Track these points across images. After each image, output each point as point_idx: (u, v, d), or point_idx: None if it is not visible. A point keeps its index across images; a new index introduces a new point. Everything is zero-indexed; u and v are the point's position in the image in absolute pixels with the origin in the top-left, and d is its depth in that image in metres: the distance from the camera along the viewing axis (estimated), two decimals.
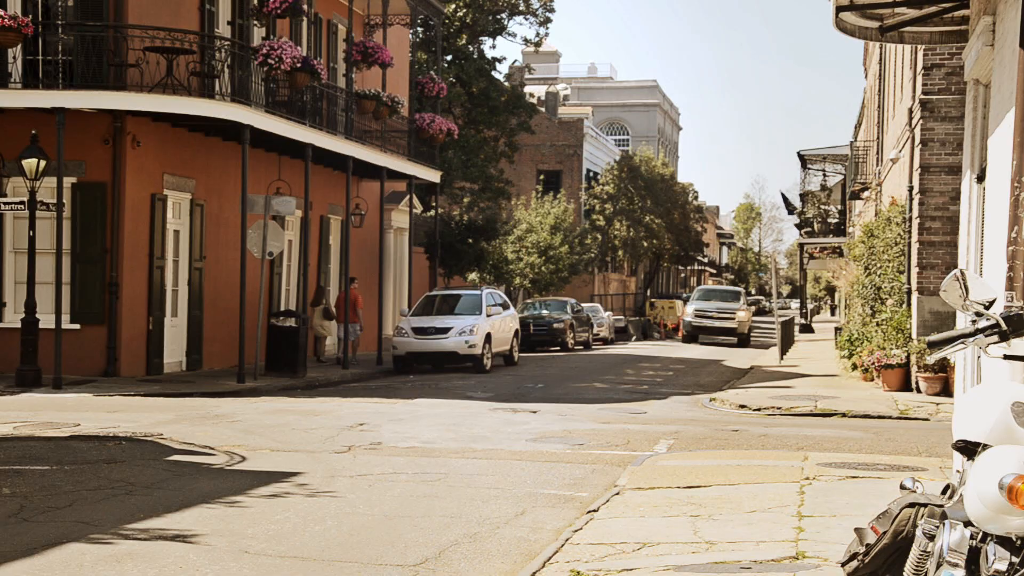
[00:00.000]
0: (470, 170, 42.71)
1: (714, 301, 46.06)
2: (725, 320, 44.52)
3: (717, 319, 44.61)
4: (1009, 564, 3.86)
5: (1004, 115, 8.36)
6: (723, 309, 44.85)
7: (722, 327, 44.58)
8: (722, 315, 44.55)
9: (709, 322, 44.72)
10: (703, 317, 44.90)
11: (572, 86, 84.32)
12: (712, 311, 44.82)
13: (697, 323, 45.16)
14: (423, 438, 14.64)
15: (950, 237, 19.80)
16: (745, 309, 45.62)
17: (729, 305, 45.31)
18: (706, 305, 45.42)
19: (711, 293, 48.58)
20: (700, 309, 45.42)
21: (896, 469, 11.65)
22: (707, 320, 44.73)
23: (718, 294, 48.46)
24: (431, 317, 27.93)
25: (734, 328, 44.40)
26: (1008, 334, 4.24)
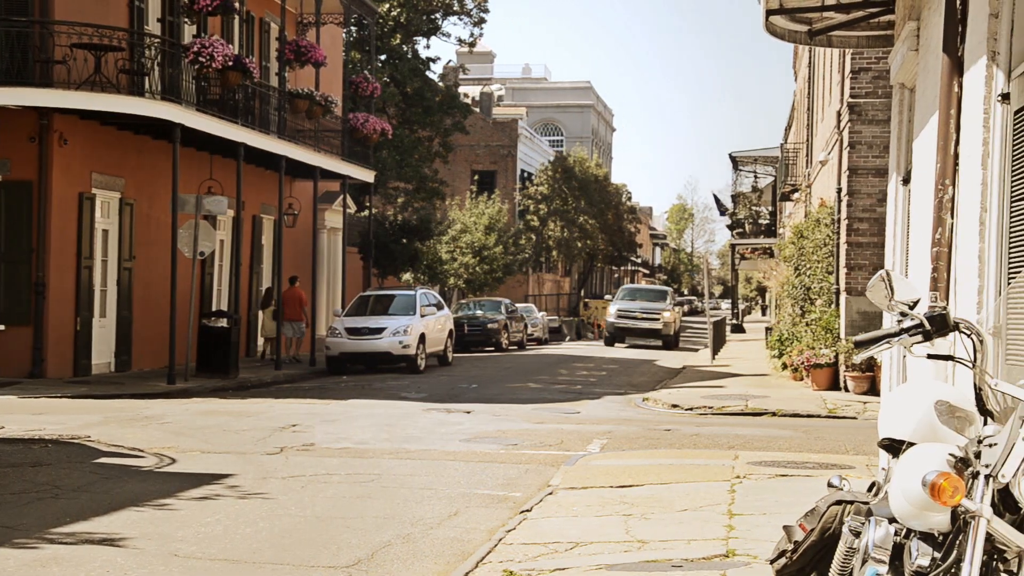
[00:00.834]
0: (404, 170, 42.58)
1: (639, 301, 43.82)
2: (650, 321, 42.38)
3: (641, 320, 42.47)
4: (931, 559, 3.92)
5: (928, 118, 8.51)
6: (648, 309, 42.68)
7: (646, 328, 42.50)
8: (646, 316, 42.43)
9: (632, 323, 42.59)
10: (626, 318, 42.72)
11: (506, 87, 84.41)
12: (636, 311, 42.66)
13: (620, 324, 42.92)
14: (356, 439, 14.58)
15: (877, 238, 20.10)
16: (671, 310, 43.48)
17: (654, 305, 43.16)
18: (630, 305, 43.24)
19: (636, 293, 46.37)
20: (623, 310, 43.17)
21: (824, 467, 11.80)
22: (630, 321, 42.58)
23: (644, 294, 46.22)
24: (365, 317, 27.82)
25: (659, 329, 42.36)
26: (931, 334, 4.30)
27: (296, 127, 27.90)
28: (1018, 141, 6.56)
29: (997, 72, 6.76)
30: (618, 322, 42.68)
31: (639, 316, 42.32)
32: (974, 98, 7.05)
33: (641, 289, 48.51)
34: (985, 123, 6.91)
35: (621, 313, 42.66)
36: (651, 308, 42.61)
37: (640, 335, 42.67)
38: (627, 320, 42.41)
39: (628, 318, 42.40)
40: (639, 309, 42.61)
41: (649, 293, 46.25)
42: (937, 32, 7.81)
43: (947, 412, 4.36)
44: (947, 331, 4.29)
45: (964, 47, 7.22)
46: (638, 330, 42.44)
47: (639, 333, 42.56)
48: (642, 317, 42.29)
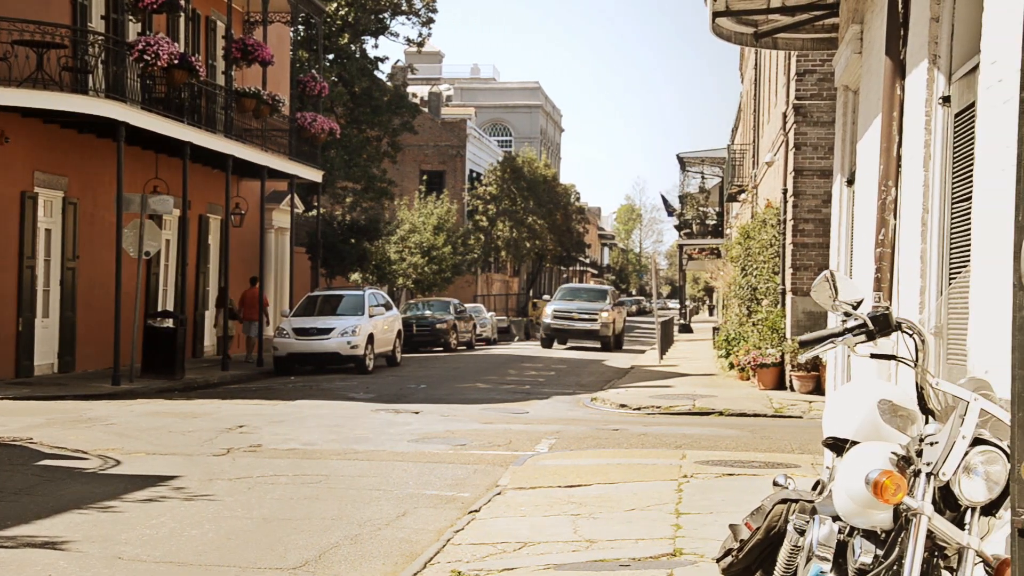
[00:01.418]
0: (353, 170, 42.40)
1: (577, 301, 41.75)
2: (587, 322, 40.38)
3: (578, 320, 40.41)
4: (874, 557, 3.97)
5: (871, 121, 8.61)
6: (585, 310, 40.66)
7: (583, 329, 40.50)
8: (583, 316, 40.41)
9: (568, 324, 40.51)
10: (562, 318, 40.61)
11: (455, 87, 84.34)
12: (573, 312, 40.62)
13: (555, 325, 40.77)
14: (304, 440, 14.50)
15: (822, 239, 20.30)
16: (610, 310, 41.23)
17: (592, 305, 41.10)
18: (567, 306, 41.12)
19: (575, 292, 44.16)
20: (559, 310, 41.01)
21: (770, 466, 11.91)
22: (566, 322, 40.53)
23: (583, 293, 44.01)
24: (313, 318, 27.68)
25: (596, 330, 40.43)
26: (875, 333, 4.34)
27: (243, 126, 27.70)
28: (959, 143, 6.66)
29: (938, 75, 6.85)
30: (553, 323, 40.85)
31: (575, 316, 40.47)
32: (916, 101, 7.13)
33: (581, 289, 46.16)
34: (927, 125, 7.00)
35: (557, 313, 40.85)
36: (589, 308, 40.75)
37: (577, 336, 40.98)
38: (563, 321, 40.61)
39: (564, 319, 40.60)
40: (576, 309, 40.75)
41: (588, 293, 44.28)
42: (880, 35, 7.90)
43: (890, 411, 4.41)
44: (890, 331, 4.33)
45: (906, 50, 7.31)
46: (574, 331, 40.66)
47: (576, 334, 40.82)
48: (579, 318, 40.44)
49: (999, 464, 3.77)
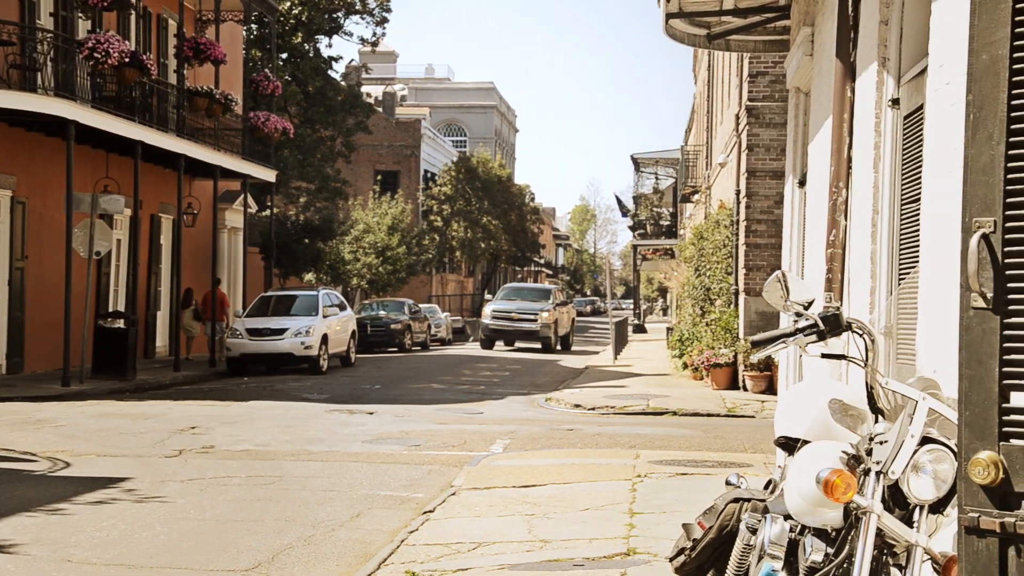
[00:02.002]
0: (306, 170, 42.19)
1: (518, 301, 40.20)
2: (527, 322, 38.85)
3: (518, 321, 38.91)
4: (825, 555, 4.00)
5: (823, 122, 8.68)
6: (526, 310, 39.14)
7: (523, 329, 39.00)
8: (523, 316, 38.92)
9: (508, 324, 39.02)
10: (501, 319, 39.20)
11: (410, 87, 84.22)
12: (513, 312, 39.14)
13: (494, 326, 39.43)
14: (257, 441, 14.42)
15: (775, 239, 20.45)
16: (552, 310, 39.50)
17: (533, 305, 39.51)
18: (507, 306, 39.66)
19: (517, 292, 42.39)
20: (499, 310, 39.53)
21: (723, 465, 11.98)
22: (505, 322, 39.06)
23: (525, 293, 42.19)
24: (266, 318, 27.53)
25: (536, 331, 38.81)
26: (825, 333, 4.37)
27: (196, 125, 27.49)
28: (908, 145, 6.73)
29: (887, 78, 6.92)
30: (492, 323, 39.46)
31: (515, 317, 39.02)
32: (866, 103, 7.21)
33: (523, 288, 44.22)
34: (876, 127, 7.08)
35: (496, 314, 39.41)
36: (529, 308, 39.26)
37: (517, 337, 39.63)
38: (503, 321, 39.14)
39: (504, 319, 39.14)
40: (516, 309, 39.30)
41: (531, 293, 42.55)
42: (831, 38, 7.98)
43: (840, 410, 4.44)
44: (840, 331, 4.36)
45: (856, 53, 7.39)
46: (514, 331, 39.23)
47: (515, 335, 39.42)
48: (519, 318, 38.98)
49: (947, 463, 3.81)
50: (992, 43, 3.05)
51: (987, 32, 3.07)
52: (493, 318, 39.48)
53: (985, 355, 3.07)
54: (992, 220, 3.05)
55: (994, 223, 3.04)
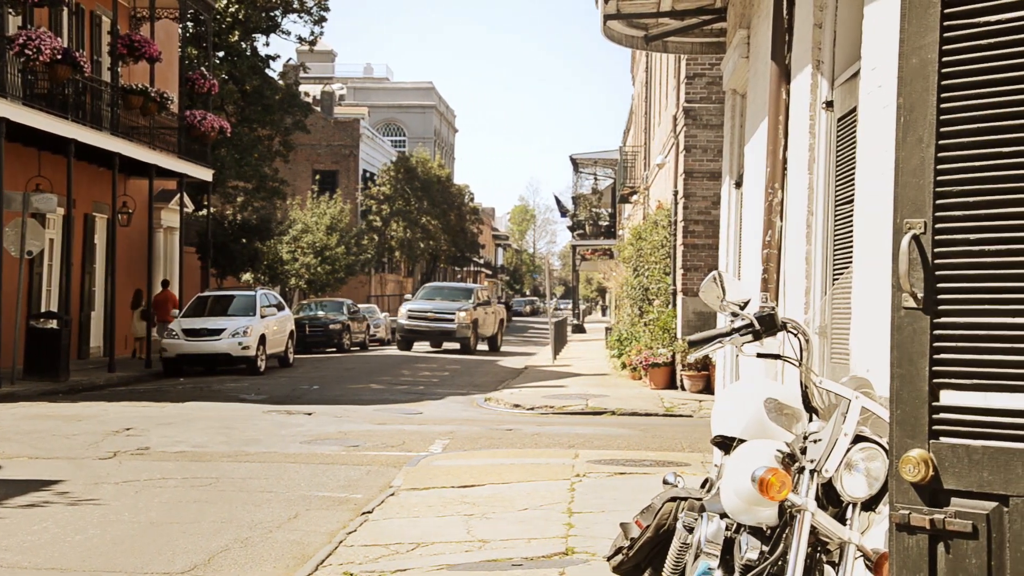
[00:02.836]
0: (244, 169, 41.79)
1: (436, 300, 39.03)
2: (444, 322, 37.47)
3: (434, 320, 37.56)
4: (760, 553, 4.03)
5: (759, 124, 8.77)
6: (443, 309, 37.81)
7: (440, 329, 37.62)
8: (440, 316, 37.56)
9: (424, 324, 37.74)
10: (418, 319, 37.87)
11: (348, 86, 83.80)
12: (430, 311, 37.85)
13: (410, 326, 38.02)
14: (194, 442, 14.27)
15: (712, 240, 20.62)
16: (471, 309, 38.11)
17: (451, 304, 38.16)
18: (425, 305, 38.50)
19: (437, 291, 41.15)
20: (416, 310, 38.25)
21: (661, 465, 12.05)
22: (422, 322, 37.79)
23: (445, 292, 40.85)
24: (203, 318, 27.27)
25: (453, 330, 37.47)
26: (761, 333, 4.40)
27: (131, 124, 27.14)
28: (841, 147, 6.81)
29: (821, 80, 7.00)
30: (408, 323, 38.18)
31: (432, 316, 37.73)
32: (801, 105, 7.29)
33: (443, 287, 42.93)
34: (811, 129, 7.16)
35: (412, 313, 38.17)
36: (447, 308, 37.91)
37: (434, 337, 38.38)
38: (419, 321, 37.90)
39: (420, 319, 37.89)
40: (433, 309, 38.06)
41: (450, 292, 41.16)
42: (766, 40, 8.06)
43: (776, 409, 4.48)
44: (775, 331, 4.39)
45: (791, 55, 7.47)
46: (431, 331, 37.92)
47: (432, 335, 38.14)
48: (435, 317, 37.66)
49: (879, 461, 3.86)
50: (922, 47, 3.10)
51: (917, 36, 3.11)
52: (409, 318, 38.13)
53: (916, 354, 3.12)
54: (922, 221, 3.09)
55: (924, 224, 3.09)
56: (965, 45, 3.03)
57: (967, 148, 3.03)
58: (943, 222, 3.06)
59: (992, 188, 2.99)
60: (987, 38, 3.00)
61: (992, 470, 2.97)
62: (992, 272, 2.99)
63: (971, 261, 3.02)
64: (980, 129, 3.01)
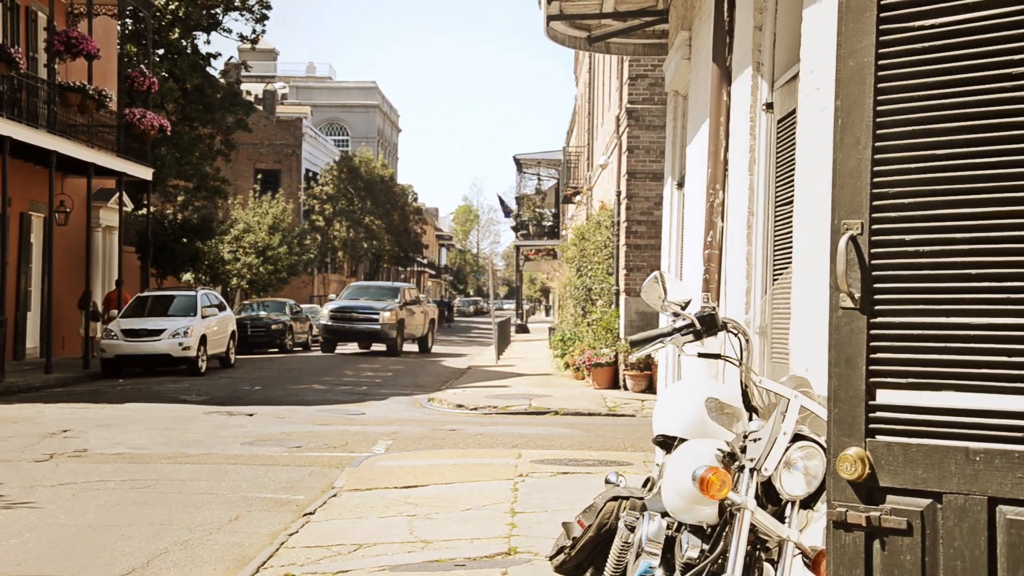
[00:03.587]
0: (184, 168, 41.37)
1: (361, 299, 37.77)
2: (367, 322, 36.25)
3: (358, 320, 36.31)
4: (700, 551, 4.06)
5: (700, 125, 8.83)
6: (368, 308, 36.58)
7: (364, 330, 36.44)
8: (364, 315, 36.32)
9: (348, 324, 36.48)
10: (341, 319, 36.65)
11: (291, 85, 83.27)
12: (354, 310, 36.62)
13: (334, 326, 36.84)
14: (132, 444, 14.11)
15: (655, 240, 20.73)
16: (397, 308, 36.84)
17: (376, 304, 36.95)
18: (349, 304, 37.25)
19: (362, 290, 40.05)
20: (339, 309, 37.03)
21: (604, 464, 12.10)
22: (346, 323, 36.54)
23: (371, 291, 39.68)
24: (143, 319, 26.97)
25: (377, 331, 36.28)
26: (702, 333, 4.42)
27: (68, 121, 26.77)
28: (781, 149, 6.88)
29: (762, 82, 7.07)
30: (331, 323, 36.96)
31: (356, 316, 36.48)
32: (741, 107, 7.35)
33: (369, 287, 41.66)
34: (751, 131, 7.22)
35: (335, 313, 36.94)
36: (372, 307, 36.71)
37: (357, 337, 37.13)
38: (342, 322, 36.64)
39: (343, 319, 36.65)
40: (357, 308, 36.78)
41: (376, 291, 40.00)
42: (707, 42, 8.11)
43: (716, 409, 4.51)
44: (716, 330, 4.42)
45: (732, 58, 7.53)
46: (355, 332, 36.68)
47: (356, 335, 36.90)
48: (359, 317, 36.40)
49: (817, 459, 3.90)
50: (858, 50, 3.14)
51: (853, 39, 3.15)
52: (332, 318, 36.92)
53: (853, 354, 3.15)
54: (859, 222, 3.13)
55: (861, 225, 3.12)
56: (901, 49, 3.07)
57: (903, 150, 3.07)
58: (880, 223, 3.10)
59: (927, 190, 3.03)
60: (922, 42, 3.04)
61: (926, 468, 3.02)
62: (927, 273, 3.03)
63: (907, 262, 3.06)
64: (915, 132, 3.05)
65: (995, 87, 2.91)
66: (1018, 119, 2.87)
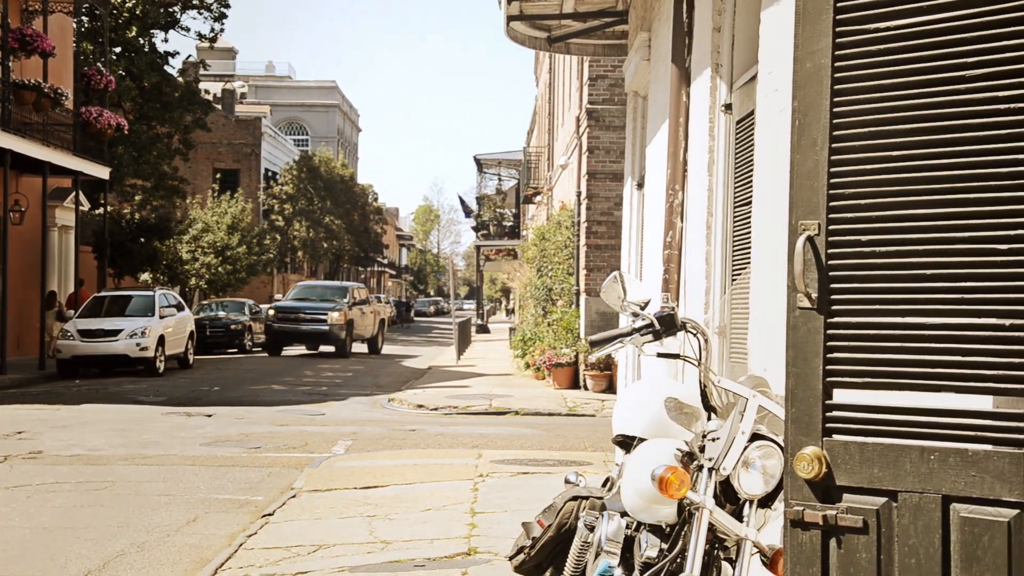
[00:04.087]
0: (142, 167, 41.03)
1: (308, 300, 36.87)
2: (314, 323, 35.15)
3: (305, 321, 35.20)
4: (659, 550, 4.07)
5: (660, 126, 8.86)
6: (314, 309, 35.51)
7: (311, 331, 35.31)
8: (311, 316, 35.23)
9: (294, 325, 35.39)
10: (287, 320, 35.46)
11: (250, 84, 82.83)
12: (300, 311, 35.54)
13: (279, 327, 35.58)
14: (89, 445, 13.98)
15: (615, 240, 20.79)
16: (345, 309, 35.70)
17: (324, 304, 35.90)
18: (295, 304, 36.24)
19: (310, 290, 39.08)
20: (285, 309, 36.02)
21: (564, 464, 12.12)
22: (291, 324, 35.40)
23: (319, 291, 38.75)
24: (100, 319, 26.74)
25: (325, 332, 35.16)
26: (661, 333, 4.43)
27: (23, 120, 26.47)
28: (740, 149, 6.92)
29: (720, 83, 7.10)
30: (276, 325, 35.69)
31: (302, 317, 35.38)
32: (700, 108, 7.38)
33: (317, 286, 40.81)
34: (711, 132, 7.25)
35: (281, 314, 35.75)
36: (319, 308, 35.63)
37: (304, 339, 36.03)
38: (288, 323, 35.44)
39: (289, 320, 35.46)
40: (304, 308, 35.71)
41: (324, 291, 38.98)
42: (667, 43, 8.14)
43: (676, 408, 4.53)
44: (675, 330, 4.43)
45: (691, 59, 7.56)
46: (302, 333, 35.53)
47: (303, 336, 35.77)
48: (306, 318, 35.31)
49: (775, 458, 3.92)
50: (815, 52, 3.16)
51: (810, 41, 3.17)
52: (277, 319, 35.76)
53: (810, 353, 3.17)
54: (817, 223, 3.15)
55: (818, 226, 3.15)
56: (857, 51, 3.10)
57: (859, 152, 3.10)
58: (836, 224, 3.12)
59: (883, 191, 3.06)
60: (878, 44, 3.06)
61: (882, 466, 3.04)
62: (883, 273, 3.06)
63: (863, 262, 3.09)
64: (872, 133, 3.08)
65: (948, 89, 2.94)
66: (971, 121, 2.91)
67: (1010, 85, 2.85)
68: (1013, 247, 2.83)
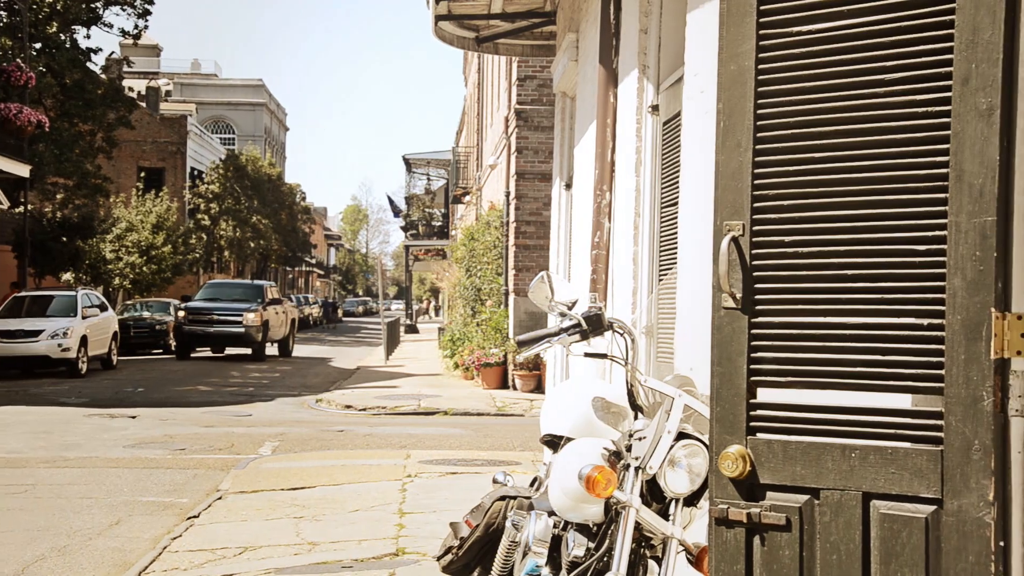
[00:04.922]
0: (64, 165, 40.30)
1: (220, 300, 35.01)
2: (228, 324, 33.39)
3: (218, 323, 33.46)
4: (586, 549, 4.08)
5: (588, 127, 8.90)
6: (228, 310, 33.75)
7: (225, 333, 33.58)
8: (225, 317, 33.50)
9: (205, 327, 33.62)
10: (198, 322, 33.69)
11: (175, 82, 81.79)
12: (212, 312, 33.74)
13: (190, 329, 33.71)
14: (8, 448, 13.71)
15: (544, 241, 20.84)
16: (260, 309, 33.83)
17: (238, 305, 34.07)
18: (206, 305, 34.43)
19: (220, 290, 37.28)
20: (195, 310, 34.12)
21: (493, 464, 12.12)
22: (203, 326, 33.65)
23: (230, 290, 37.10)
24: (20, 319, 26.26)
25: (240, 334, 33.35)
26: (588, 333, 4.45)
27: None
28: (666, 150, 6.97)
29: (647, 85, 7.15)
30: (186, 327, 33.85)
31: (215, 318, 33.57)
32: (628, 109, 7.42)
33: (228, 285, 39.29)
34: (638, 133, 7.30)
35: (192, 316, 33.83)
36: (232, 308, 33.85)
37: (219, 341, 34.42)
38: (199, 325, 33.70)
39: (201, 322, 33.68)
40: (216, 309, 33.91)
41: (237, 290, 37.17)
42: (594, 44, 8.18)
43: (603, 408, 4.54)
44: (603, 330, 4.45)
45: (618, 60, 7.60)
46: (216, 335, 33.89)
47: (217, 339, 34.17)
48: (219, 320, 33.53)
49: (700, 457, 3.96)
50: (739, 54, 3.19)
51: (734, 44, 3.20)
52: (188, 321, 33.78)
53: (735, 353, 3.21)
54: (741, 223, 3.18)
55: (743, 226, 3.18)
56: (780, 54, 3.13)
57: (783, 153, 3.13)
58: (760, 224, 3.16)
59: (806, 192, 3.10)
60: (800, 47, 3.10)
61: (805, 464, 3.08)
62: (806, 273, 3.10)
63: (786, 263, 3.12)
64: (794, 135, 3.12)
65: (868, 92, 2.99)
66: (890, 124, 2.95)
67: (928, 89, 2.90)
68: (931, 248, 2.88)
